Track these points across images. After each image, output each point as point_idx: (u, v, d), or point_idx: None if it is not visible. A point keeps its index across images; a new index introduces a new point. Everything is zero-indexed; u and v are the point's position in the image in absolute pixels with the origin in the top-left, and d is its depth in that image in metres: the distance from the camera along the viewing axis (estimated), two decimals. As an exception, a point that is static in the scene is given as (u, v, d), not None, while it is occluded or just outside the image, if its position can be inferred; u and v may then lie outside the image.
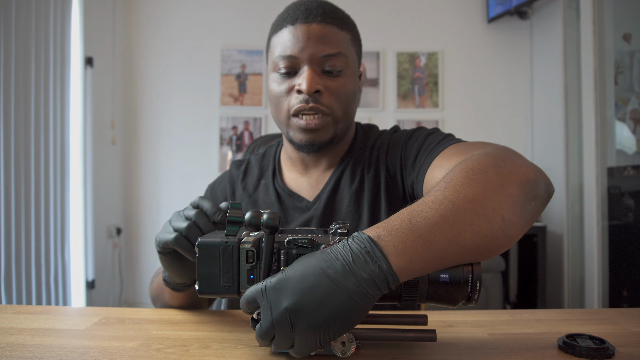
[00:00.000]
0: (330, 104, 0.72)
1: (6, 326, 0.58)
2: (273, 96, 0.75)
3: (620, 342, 0.51)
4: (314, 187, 0.81)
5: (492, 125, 2.89)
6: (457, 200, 0.46)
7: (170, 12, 2.95)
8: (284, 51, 0.72)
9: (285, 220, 0.79)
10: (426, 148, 0.70)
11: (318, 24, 0.71)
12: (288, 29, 0.72)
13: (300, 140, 0.74)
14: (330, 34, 0.72)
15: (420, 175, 0.68)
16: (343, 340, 0.46)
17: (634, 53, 2.01)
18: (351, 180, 0.79)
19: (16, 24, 1.97)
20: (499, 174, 0.50)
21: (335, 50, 0.71)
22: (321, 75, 0.72)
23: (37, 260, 2.10)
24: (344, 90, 0.73)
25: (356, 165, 0.80)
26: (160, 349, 0.51)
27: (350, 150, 0.82)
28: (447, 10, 2.90)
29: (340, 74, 0.73)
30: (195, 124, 2.94)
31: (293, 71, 0.72)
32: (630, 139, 2.00)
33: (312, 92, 0.70)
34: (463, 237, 0.45)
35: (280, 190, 0.82)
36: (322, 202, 0.78)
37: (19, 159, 2.00)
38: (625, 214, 1.99)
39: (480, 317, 0.63)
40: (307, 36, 0.70)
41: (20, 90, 2.01)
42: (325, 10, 0.73)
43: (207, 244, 0.47)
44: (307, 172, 0.82)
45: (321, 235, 0.47)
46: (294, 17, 0.72)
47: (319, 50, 0.71)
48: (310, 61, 0.71)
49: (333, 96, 0.72)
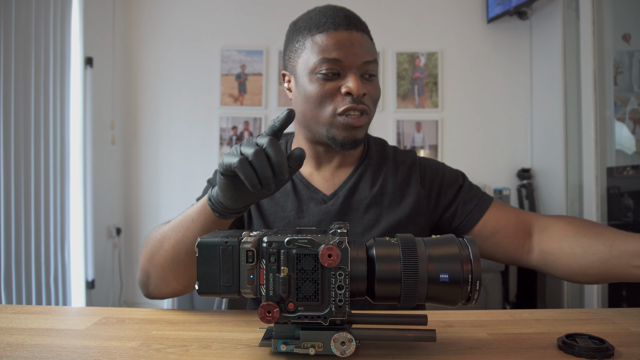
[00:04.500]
0: (369, 105, 0.80)
1: (6, 326, 0.58)
2: (313, 96, 0.78)
3: (619, 342, 0.51)
4: (328, 180, 0.85)
5: (492, 125, 2.89)
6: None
7: (170, 12, 2.95)
8: (329, 54, 0.76)
9: (300, 210, 0.82)
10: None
11: (358, 32, 0.78)
12: (330, 34, 0.77)
13: (345, 138, 0.79)
14: (367, 42, 0.79)
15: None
16: (343, 340, 0.46)
17: (633, 53, 2.01)
18: (372, 182, 0.84)
19: (16, 24, 1.97)
20: None
21: (372, 58, 0.79)
22: (362, 80, 0.78)
23: (37, 260, 2.10)
24: (377, 94, 0.81)
25: (378, 170, 0.86)
26: (160, 349, 0.51)
27: (368, 154, 0.88)
28: (447, 11, 2.90)
29: (374, 79, 0.81)
30: (195, 124, 2.94)
31: (337, 74, 0.77)
32: (630, 139, 2.00)
33: (362, 94, 0.77)
34: None
35: (297, 181, 0.85)
36: (340, 198, 0.82)
37: (19, 159, 2.00)
38: (624, 214, 1.99)
39: (480, 317, 0.63)
40: (350, 42, 0.76)
41: (20, 90, 2.01)
42: (359, 20, 0.81)
43: (207, 244, 0.47)
44: (320, 167, 0.87)
45: (321, 235, 0.47)
46: (335, 22, 0.77)
47: (361, 56, 0.77)
48: (356, 66, 0.77)
49: (371, 99, 0.80)
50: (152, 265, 0.70)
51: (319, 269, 0.46)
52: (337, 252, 0.45)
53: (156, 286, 0.72)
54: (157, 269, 0.70)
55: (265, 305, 0.46)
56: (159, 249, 0.70)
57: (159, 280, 0.71)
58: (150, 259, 0.71)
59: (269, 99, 2.93)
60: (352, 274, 0.47)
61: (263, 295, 0.46)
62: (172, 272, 0.69)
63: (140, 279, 0.74)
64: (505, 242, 0.80)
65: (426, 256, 0.46)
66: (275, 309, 0.46)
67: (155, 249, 0.70)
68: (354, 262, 0.47)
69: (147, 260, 0.71)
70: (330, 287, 0.46)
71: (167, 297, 0.74)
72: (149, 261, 0.71)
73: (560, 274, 0.75)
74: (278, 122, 0.54)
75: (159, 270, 0.70)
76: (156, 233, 0.73)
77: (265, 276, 0.46)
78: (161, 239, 0.70)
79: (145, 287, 0.73)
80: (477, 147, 2.88)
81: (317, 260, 0.45)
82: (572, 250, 0.71)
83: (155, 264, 0.70)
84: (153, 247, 0.71)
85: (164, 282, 0.71)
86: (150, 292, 0.73)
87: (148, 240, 0.73)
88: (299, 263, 0.46)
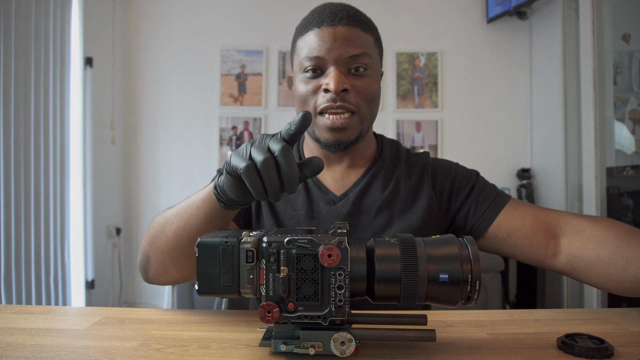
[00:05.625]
0: (356, 102, 0.75)
1: (6, 326, 0.58)
2: (299, 96, 0.77)
3: (619, 342, 0.51)
4: (338, 181, 0.83)
5: (492, 125, 2.89)
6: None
7: (169, 12, 2.95)
8: (310, 52, 0.75)
9: (310, 209, 0.80)
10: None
11: (344, 26, 0.74)
12: (314, 32, 0.75)
13: (327, 140, 0.76)
14: (355, 35, 0.74)
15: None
16: (343, 340, 0.46)
17: (633, 53, 2.01)
18: (384, 185, 0.82)
19: (16, 24, 1.97)
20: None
21: (361, 51, 0.74)
22: (347, 75, 0.74)
23: (37, 260, 2.10)
24: (369, 89, 0.76)
25: (390, 173, 0.83)
26: (159, 349, 0.51)
27: (381, 156, 0.85)
28: (447, 11, 2.90)
29: (366, 74, 0.75)
30: (195, 124, 2.94)
31: (320, 72, 0.75)
32: (629, 139, 2.00)
33: (340, 90, 0.72)
34: None
35: (309, 180, 0.82)
36: (350, 199, 0.80)
37: (18, 159, 2.00)
38: (624, 214, 1.99)
39: (480, 317, 0.63)
40: (333, 38, 0.73)
41: (20, 90, 2.01)
42: (350, 13, 0.76)
43: (207, 244, 0.47)
44: (330, 167, 0.84)
45: (321, 235, 0.47)
46: (319, 20, 0.75)
47: (345, 51, 0.73)
48: (337, 62, 0.74)
49: (359, 95, 0.75)
50: (153, 249, 0.69)
51: (318, 269, 0.46)
52: (337, 252, 0.45)
53: (155, 272, 0.70)
54: (157, 254, 0.69)
55: (265, 305, 0.46)
56: (160, 234, 0.68)
57: (158, 266, 0.69)
58: (152, 242, 0.69)
59: (268, 99, 2.93)
60: (352, 274, 0.47)
61: (263, 295, 0.46)
62: (171, 259, 0.68)
63: (140, 262, 0.73)
64: (523, 243, 0.75)
65: (426, 256, 0.46)
66: (275, 309, 0.46)
67: (157, 233, 0.69)
68: (353, 262, 0.47)
69: (148, 243, 0.70)
70: (330, 287, 0.46)
71: (167, 284, 0.73)
72: (149, 245, 0.70)
73: (594, 282, 0.69)
74: (294, 126, 0.49)
75: (159, 255, 0.68)
76: (160, 217, 0.71)
77: (265, 276, 0.46)
78: (164, 223, 0.68)
79: (144, 271, 0.72)
80: (477, 147, 2.88)
81: (317, 260, 0.45)
82: (612, 260, 0.66)
83: (156, 249, 0.69)
84: (155, 231, 0.69)
85: (163, 269, 0.69)
86: (149, 277, 0.72)
87: (151, 224, 0.72)
88: (298, 263, 0.46)
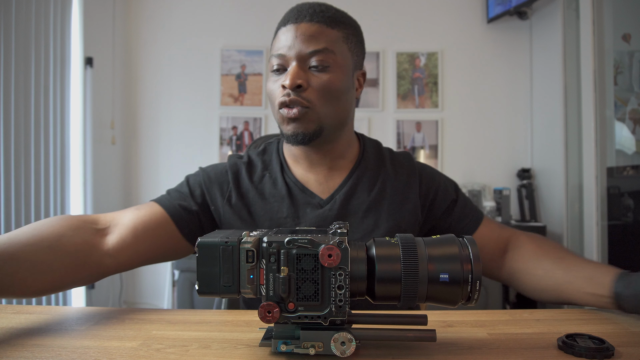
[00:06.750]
0: (311, 98, 0.74)
1: (6, 326, 0.58)
2: (268, 94, 0.79)
3: (619, 342, 0.51)
4: (322, 184, 0.82)
5: (492, 125, 2.89)
6: None
7: (170, 12, 2.95)
8: (275, 51, 0.77)
9: (296, 215, 0.79)
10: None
11: (306, 23, 0.75)
12: (281, 30, 0.77)
13: (287, 131, 0.76)
14: (318, 32, 0.74)
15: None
16: (343, 340, 0.46)
17: (633, 53, 2.01)
18: (370, 187, 0.82)
19: (16, 24, 1.97)
20: None
21: (321, 47, 0.74)
22: (307, 71, 0.75)
23: (36, 260, 2.10)
24: (328, 86, 0.74)
25: (375, 174, 0.84)
26: (160, 349, 0.51)
27: (364, 156, 0.86)
28: (447, 11, 2.90)
29: (327, 70, 0.74)
30: (195, 124, 2.94)
31: (283, 69, 0.76)
32: (630, 139, 2.00)
33: (293, 86, 0.73)
34: None
35: (292, 184, 0.82)
36: (337, 203, 0.80)
37: (19, 159, 2.00)
38: (624, 214, 1.99)
39: (480, 317, 0.63)
40: (294, 35, 0.74)
41: (20, 90, 2.01)
42: (316, 10, 0.76)
43: (207, 244, 0.47)
44: (313, 168, 0.83)
45: (321, 236, 0.47)
46: (286, 19, 0.77)
47: (305, 47, 0.74)
48: (297, 58, 0.74)
49: (316, 91, 0.74)
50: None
51: (319, 269, 0.46)
52: (337, 252, 0.45)
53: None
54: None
55: (265, 305, 0.46)
56: None
57: None
58: None
59: (269, 99, 2.93)
60: (352, 274, 0.47)
61: (263, 295, 0.46)
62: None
63: None
64: (486, 259, 0.83)
65: (426, 256, 0.46)
66: (275, 309, 0.46)
67: None
68: (354, 262, 0.47)
69: None
70: (330, 287, 0.46)
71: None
72: None
73: (523, 291, 0.80)
74: None
75: None
76: None
77: (265, 276, 0.46)
78: None
79: None
80: (477, 147, 2.88)
81: (317, 260, 0.45)
82: (535, 272, 0.75)
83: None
84: None
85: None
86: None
87: None
88: (299, 263, 0.46)
